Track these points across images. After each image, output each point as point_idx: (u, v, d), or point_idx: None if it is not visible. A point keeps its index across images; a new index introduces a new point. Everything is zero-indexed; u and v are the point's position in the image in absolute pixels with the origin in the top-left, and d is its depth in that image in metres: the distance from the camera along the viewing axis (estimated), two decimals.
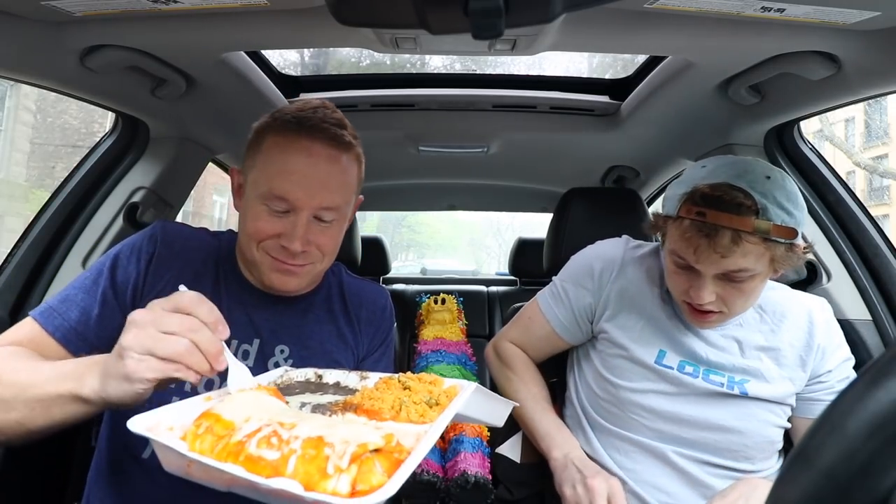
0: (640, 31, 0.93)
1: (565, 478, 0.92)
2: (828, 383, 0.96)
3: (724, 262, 0.83)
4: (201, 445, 0.47)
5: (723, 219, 0.81)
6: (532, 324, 1.13)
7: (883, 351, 1.07)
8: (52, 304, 0.82)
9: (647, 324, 1.00)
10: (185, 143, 1.44)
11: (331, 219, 0.84)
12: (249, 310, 0.89)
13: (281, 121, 0.82)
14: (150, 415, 0.52)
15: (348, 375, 0.73)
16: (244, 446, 0.46)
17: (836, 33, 0.88)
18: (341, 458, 0.43)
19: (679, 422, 0.95)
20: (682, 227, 0.86)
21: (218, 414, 0.50)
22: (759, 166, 0.87)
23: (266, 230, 0.81)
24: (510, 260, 2.41)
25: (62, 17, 0.87)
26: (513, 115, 1.52)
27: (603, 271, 1.05)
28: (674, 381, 0.96)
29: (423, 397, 0.61)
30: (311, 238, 0.82)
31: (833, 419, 0.29)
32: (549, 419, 1.03)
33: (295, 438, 0.45)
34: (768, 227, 0.81)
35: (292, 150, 0.80)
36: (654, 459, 0.96)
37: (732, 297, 0.88)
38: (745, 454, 0.94)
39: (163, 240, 0.88)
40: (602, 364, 1.03)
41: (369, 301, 1.01)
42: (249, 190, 0.84)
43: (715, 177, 0.85)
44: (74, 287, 0.83)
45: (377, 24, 0.78)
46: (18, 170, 12.89)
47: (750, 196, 0.82)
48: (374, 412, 0.58)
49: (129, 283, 0.84)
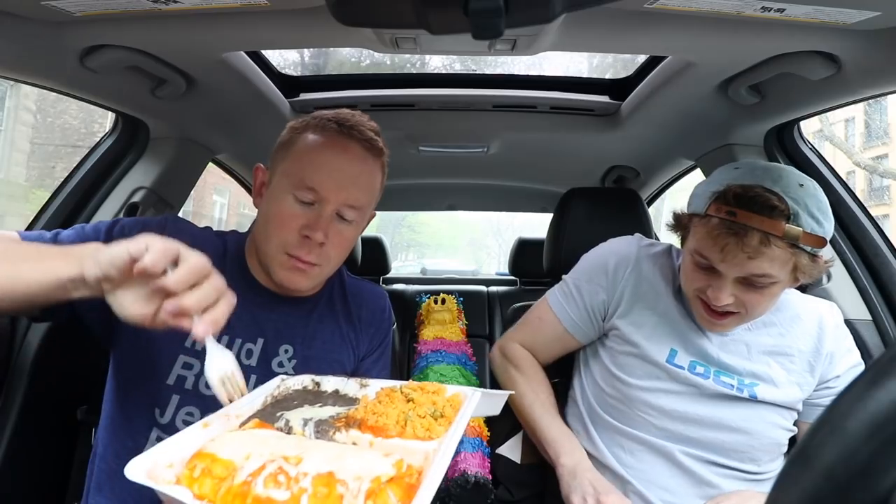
0: (640, 31, 0.93)
1: (574, 487, 0.92)
2: (835, 389, 0.96)
3: (749, 264, 0.83)
4: (201, 490, 0.45)
5: (754, 220, 0.81)
6: (542, 324, 1.12)
7: (883, 351, 1.08)
8: (43, 234, 0.81)
9: (660, 321, 1.00)
10: (185, 143, 1.44)
11: (351, 218, 0.86)
12: (255, 309, 0.90)
13: (320, 120, 0.87)
14: (146, 456, 0.49)
15: (347, 383, 0.72)
16: (250, 487, 0.44)
17: (837, 33, 0.88)
18: (356, 497, 0.42)
19: (687, 421, 0.95)
20: (710, 226, 0.85)
21: (213, 454, 0.48)
22: (793, 174, 0.87)
23: (291, 220, 0.83)
24: (510, 260, 2.41)
25: (62, 17, 0.87)
26: (513, 115, 1.52)
27: (617, 267, 1.05)
28: (684, 382, 0.96)
29: (428, 410, 0.61)
30: (330, 232, 0.84)
31: (833, 419, 0.29)
32: (557, 426, 1.02)
33: (304, 476, 0.44)
34: (798, 233, 0.80)
35: (329, 145, 0.85)
36: (659, 458, 0.96)
37: (752, 301, 0.87)
38: (751, 455, 0.94)
39: (172, 235, 0.88)
40: (612, 361, 1.02)
41: (369, 302, 1.02)
42: (277, 181, 0.86)
43: (748, 178, 0.85)
44: (68, 233, 0.83)
45: (377, 24, 0.78)
46: (18, 170, 12.89)
47: (783, 200, 0.81)
48: (379, 429, 0.57)
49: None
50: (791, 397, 0.94)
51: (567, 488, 0.93)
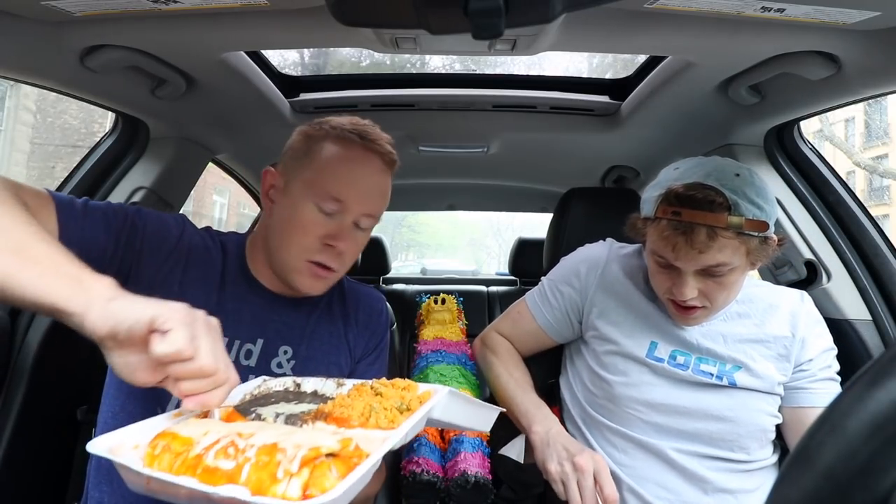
0: (640, 31, 0.93)
1: (549, 454, 0.93)
2: (809, 371, 0.99)
3: (702, 257, 0.87)
4: (160, 465, 0.47)
5: (697, 216, 0.86)
6: (520, 319, 1.18)
7: (883, 351, 1.08)
8: (77, 204, 0.76)
9: (637, 318, 1.03)
10: (185, 143, 1.44)
11: (367, 226, 0.90)
12: (255, 310, 0.90)
13: (340, 130, 0.88)
14: (113, 435, 0.51)
15: (325, 383, 0.73)
16: (202, 459, 0.45)
17: (836, 33, 0.88)
18: (291, 461, 0.43)
19: (672, 412, 0.97)
20: (660, 227, 0.90)
21: (174, 432, 0.50)
22: (729, 165, 0.92)
23: (313, 228, 0.85)
24: (510, 260, 2.41)
25: (62, 17, 0.87)
26: (513, 115, 1.52)
27: (589, 271, 1.10)
28: (664, 374, 0.99)
29: (395, 403, 0.61)
30: (348, 241, 0.87)
31: (833, 419, 0.29)
32: (529, 398, 1.05)
33: (251, 447, 0.45)
34: (741, 221, 0.85)
35: (352, 158, 0.87)
36: (651, 455, 0.98)
37: (714, 292, 0.92)
38: (739, 444, 0.97)
39: (184, 234, 0.89)
40: (595, 361, 1.06)
41: (366, 304, 1.03)
42: (298, 190, 0.86)
43: (687, 177, 0.90)
44: (99, 207, 0.79)
45: (377, 24, 0.78)
46: (18, 170, 12.88)
47: (721, 193, 0.86)
48: (342, 419, 0.58)
49: (140, 240, 0.81)
50: (770, 382, 0.97)
51: (542, 456, 0.94)
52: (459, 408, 0.69)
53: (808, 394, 0.99)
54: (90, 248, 0.74)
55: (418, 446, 1.19)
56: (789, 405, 1.00)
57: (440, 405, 0.63)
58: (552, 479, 0.91)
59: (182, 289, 0.84)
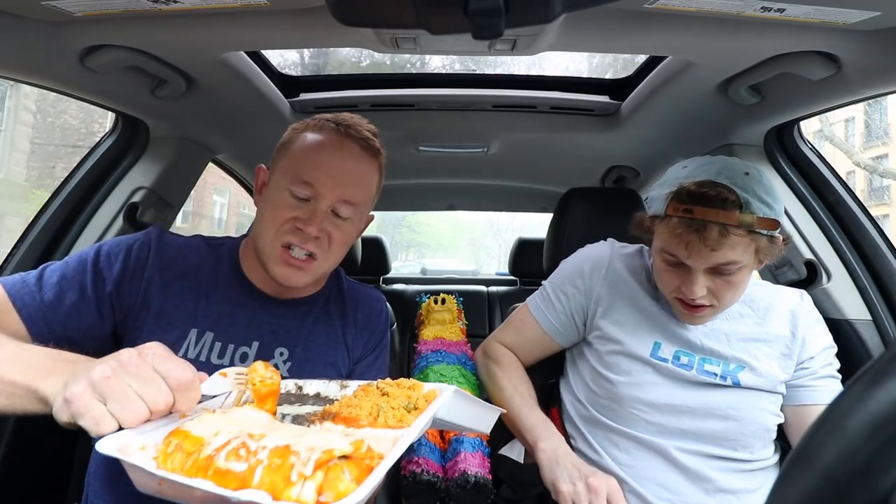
0: (640, 31, 0.93)
1: (559, 473, 0.93)
2: (811, 369, 0.99)
3: (713, 255, 0.88)
4: (172, 464, 0.47)
5: (710, 214, 0.86)
6: (524, 326, 1.16)
7: (883, 351, 1.08)
8: (26, 278, 0.79)
9: (641, 317, 1.03)
10: (185, 143, 1.44)
11: (346, 215, 0.88)
12: (249, 312, 0.90)
13: (320, 121, 0.90)
14: (121, 435, 0.50)
15: (328, 385, 0.73)
16: (213, 460, 0.45)
17: (836, 33, 0.88)
18: (305, 465, 0.42)
19: (676, 412, 0.97)
20: (672, 225, 0.90)
21: (187, 431, 0.49)
22: (737, 164, 0.93)
23: (285, 213, 0.85)
24: (510, 260, 2.40)
25: (62, 17, 0.87)
26: (513, 115, 1.52)
27: (592, 271, 1.09)
28: (668, 374, 0.99)
29: (402, 402, 0.61)
30: (325, 227, 0.86)
31: (833, 419, 0.29)
32: (535, 413, 1.04)
33: (262, 449, 0.45)
34: (752, 219, 0.86)
35: (325, 143, 0.87)
36: (654, 455, 0.97)
37: (722, 290, 0.92)
38: (742, 443, 0.97)
39: (156, 249, 0.88)
40: (598, 361, 1.05)
41: (365, 305, 1.03)
42: (275, 179, 0.88)
43: (697, 175, 0.91)
44: (53, 270, 0.82)
45: (377, 24, 0.78)
46: (18, 170, 12.89)
47: (733, 191, 0.87)
48: (351, 419, 0.58)
49: (111, 282, 0.83)
50: (773, 381, 0.98)
51: (551, 474, 0.94)
52: (463, 407, 0.69)
53: (811, 391, 0.99)
54: (60, 305, 0.79)
55: (418, 446, 1.19)
56: (792, 403, 1.00)
57: (445, 404, 0.63)
58: (563, 499, 0.90)
59: (163, 307, 0.85)
